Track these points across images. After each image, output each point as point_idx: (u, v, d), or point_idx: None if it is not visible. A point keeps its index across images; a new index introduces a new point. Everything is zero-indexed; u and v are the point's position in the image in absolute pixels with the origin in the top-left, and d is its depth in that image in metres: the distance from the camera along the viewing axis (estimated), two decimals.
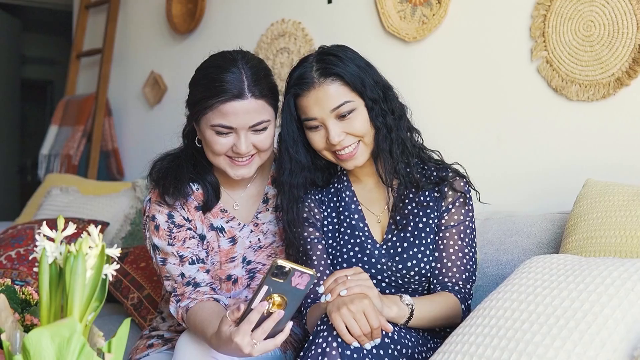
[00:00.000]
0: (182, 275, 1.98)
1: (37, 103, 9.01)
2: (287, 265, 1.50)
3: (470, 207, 2.01)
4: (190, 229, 2.04)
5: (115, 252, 1.16)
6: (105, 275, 1.14)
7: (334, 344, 1.63)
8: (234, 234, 2.10)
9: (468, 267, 1.97)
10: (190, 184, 2.07)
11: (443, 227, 1.98)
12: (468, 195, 2.01)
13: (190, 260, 1.99)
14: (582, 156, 2.44)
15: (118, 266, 1.17)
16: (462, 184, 2.01)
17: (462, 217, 1.99)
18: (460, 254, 1.97)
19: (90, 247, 1.12)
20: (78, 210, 3.49)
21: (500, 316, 1.50)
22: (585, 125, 2.44)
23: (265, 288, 1.53)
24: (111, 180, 4.49)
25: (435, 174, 2.02)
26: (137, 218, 3.40)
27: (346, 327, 1.62)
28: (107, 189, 3.80)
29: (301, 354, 1.70)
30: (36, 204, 3.95)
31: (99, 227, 3.10)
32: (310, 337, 1.71)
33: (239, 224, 2.11)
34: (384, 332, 1.68)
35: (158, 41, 4.36)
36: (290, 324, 1.62)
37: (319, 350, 1.64)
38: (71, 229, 1.16)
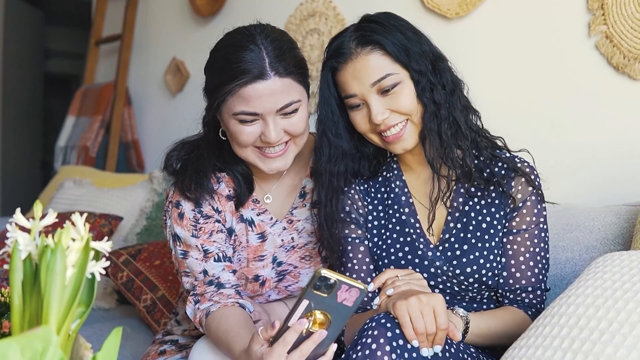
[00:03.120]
0: (205, 272, 1.79)
1: (61, 98, 8.93)
2: (333, 276, 1.28)
3: (543, 206, 1.76)
4: (218, 221, 1.85)
5: (105, 245, 0.97)
6: (92, 274, 0.95)
7: (387, 348, 1.41)
8: (264, 229, 1.90)
9: (540, 277, 1.74)
10: (216, 173, 1.89)
11: (514, 231, 1.73)
12: (540, 192, 1.75)
13: (216, 256, 1.80)
14: None
15: (107, 263, 0.98)
16: (532, 177, 1.75)
17: (534, 218, 1.73)
18: (531, 263, 1.72)
19: (73, 239, 0.93)
20: (90, 203, 3.35)
21: (572, 325, 1.27)
22: None
23: (305, 303, 1.31)
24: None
25: (492, 163, 1.76)
26: (154, 212, 3.24)
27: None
28: (123, 182, 3.65)
29: (343, 355, 1.48)
30: (48, 197, 3.81)
31: (112, 221, 2.95)
32: (355, 336, 1.48)
33: (271, 218, 1.92)
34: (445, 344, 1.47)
35: (180, 25, 4.23)
36: (333, 347, 1.40)
37: (367, 352, 1.41)
38: (51, 217, 0.96)
